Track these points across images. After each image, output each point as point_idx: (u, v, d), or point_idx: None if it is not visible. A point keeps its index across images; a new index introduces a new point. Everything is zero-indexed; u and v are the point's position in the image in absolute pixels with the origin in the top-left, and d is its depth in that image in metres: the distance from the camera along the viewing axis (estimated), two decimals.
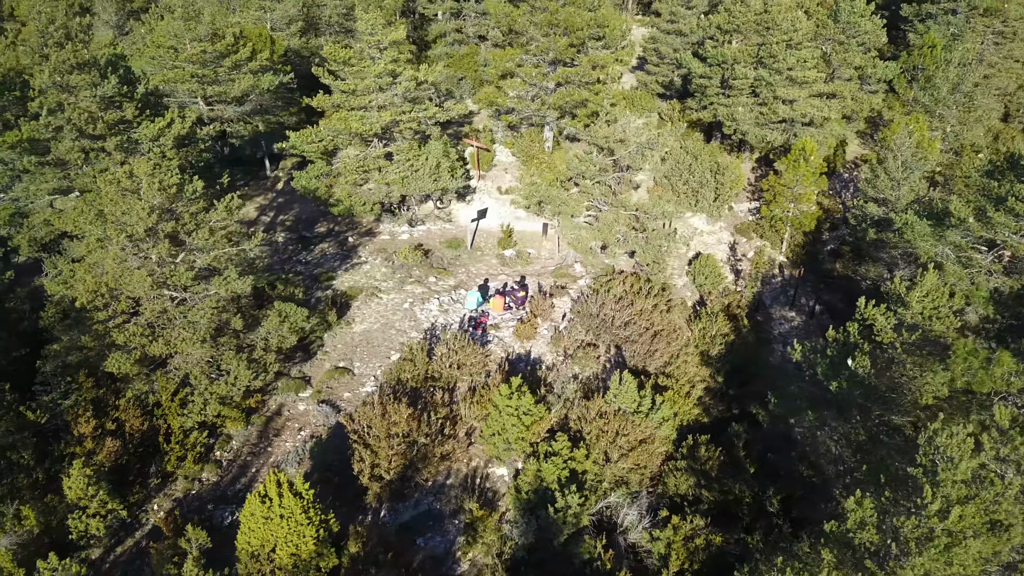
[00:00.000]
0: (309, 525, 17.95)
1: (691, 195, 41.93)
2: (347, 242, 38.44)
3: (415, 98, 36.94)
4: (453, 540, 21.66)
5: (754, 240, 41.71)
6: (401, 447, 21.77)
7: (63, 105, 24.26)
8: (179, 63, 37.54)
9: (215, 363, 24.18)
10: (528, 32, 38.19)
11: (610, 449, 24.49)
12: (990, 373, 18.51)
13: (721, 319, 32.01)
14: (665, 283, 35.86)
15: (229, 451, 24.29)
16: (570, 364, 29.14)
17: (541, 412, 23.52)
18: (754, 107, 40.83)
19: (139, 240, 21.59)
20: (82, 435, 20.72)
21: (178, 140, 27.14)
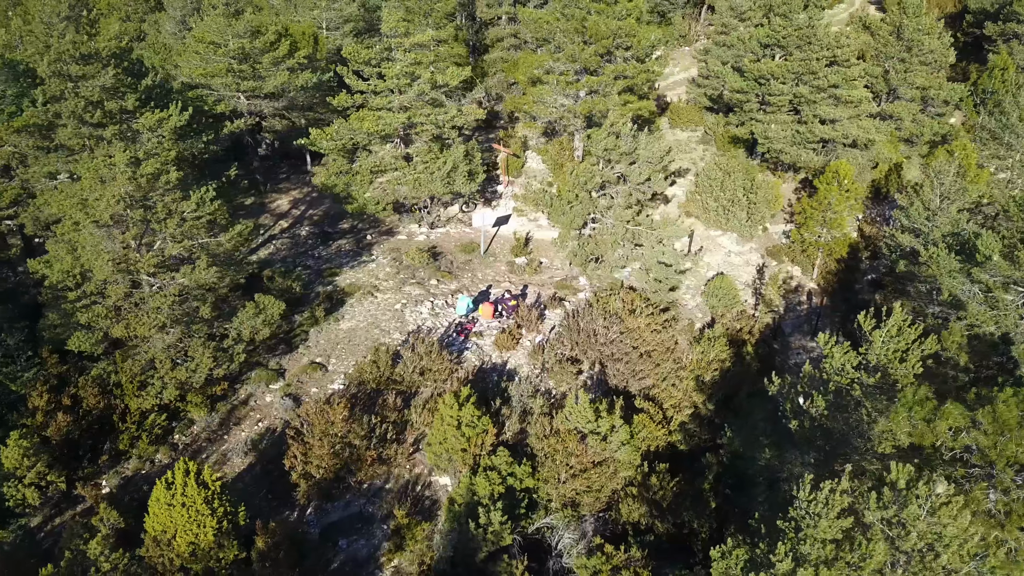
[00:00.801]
0: (211, 516, 18.22)
1: (721, 213, 40.43)
2: (364, 240, 38.98)
3: (434, 101, 37.06)
4: (378, 545, 21.56)
5: (785, 264, 39.84)
6: (335, 447, 21.84)
7: (65, 93, 25.62)
8: (218, 58, 39.03)
9: (183, 349, 24.93)
10: (555, 39, 37.73)
11: (560, 469, 23.85)
12: (933, 427, 16.93)
13: (720, 344, 30.67)
14: (672, 302, 34.67)
15: (188, 435, 25.00)
16: (546, 378, 28.57)
17: (485, 425, 23.11)
18: (789, 126, 38.97)
19: (104, 225, 22.48)
20: (35, 408, 21.80)
21: (176, 131, 28.14)
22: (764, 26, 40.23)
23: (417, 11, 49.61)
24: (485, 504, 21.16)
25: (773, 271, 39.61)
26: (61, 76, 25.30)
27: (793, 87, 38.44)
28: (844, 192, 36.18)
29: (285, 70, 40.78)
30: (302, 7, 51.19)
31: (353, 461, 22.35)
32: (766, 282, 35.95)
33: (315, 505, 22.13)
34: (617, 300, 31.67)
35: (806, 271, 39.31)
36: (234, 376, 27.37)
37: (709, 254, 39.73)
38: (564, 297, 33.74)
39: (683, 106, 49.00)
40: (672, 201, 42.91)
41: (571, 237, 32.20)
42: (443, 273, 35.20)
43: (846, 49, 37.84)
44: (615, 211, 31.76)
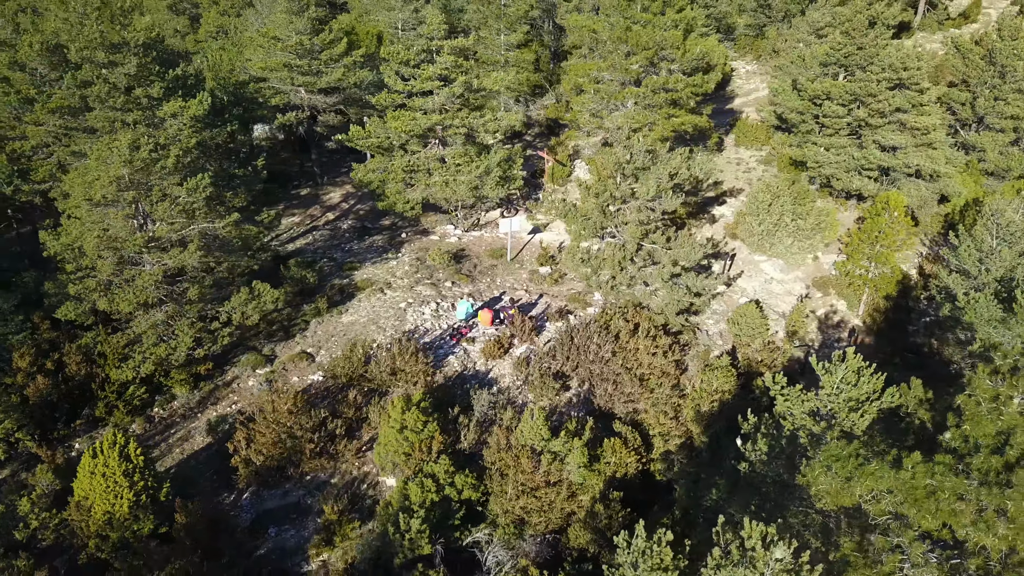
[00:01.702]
0: (128, 488, 18.99)
1: (766, 237, 38.41)
2: (398, 238, 39.59)
3: (470, 104, 37.14)
4: (308, 537, 21.80)
5: (830, 297, 37.40)
6: (279, 436, 22.27)
7: (94, 79, 27.40)
8: (277, 52, 40.72)
9: (171, 327, 26.11)
10: (598, 49, 36.98)
11: (509, 485, 23.34)
12: (848, 488, 15.37)
13: (723, 374, 29.18)
14: (691, 326, 33.25)
15: (167, 410, 26.17)
16: (526, 391, 28.04)
17: (432, 431, 22.92)
18: (845, 150, 36.50)
19: (97, 204, 23.86)
20: (17, 368, 23.44)
21: (201, 120, 29.47)
22: (822, 44, 37.84)
23: (490, 14, 50.03)
24: (408, 510, 21.00)
25: (816, 303, 37.26)
26: (90, 62, 27.01)
27: (851, 110, 35.98)
28: (893, 225, 33.58)
29: (342, 67, 42.00)
30: (382, 7, 52.54)
31: (294, 452, 22.70)
32: (791, 312, 33.78)
33: (252, 491, 22.66)
34: (620, 319, 30.67)
35: (852, 306, 36.74)
36: (224, 357, 28.42)
37: (747, 279, 37.82)
38: (573, 311, 33.00)
39: (750, 123, 46.90)
40: (719, 221, 41.20)
41: (579, 251, 31.40)
42: (461, 276, 35.20)
43: (915, 71, 35.03)
44: (628, 227, 30.73)
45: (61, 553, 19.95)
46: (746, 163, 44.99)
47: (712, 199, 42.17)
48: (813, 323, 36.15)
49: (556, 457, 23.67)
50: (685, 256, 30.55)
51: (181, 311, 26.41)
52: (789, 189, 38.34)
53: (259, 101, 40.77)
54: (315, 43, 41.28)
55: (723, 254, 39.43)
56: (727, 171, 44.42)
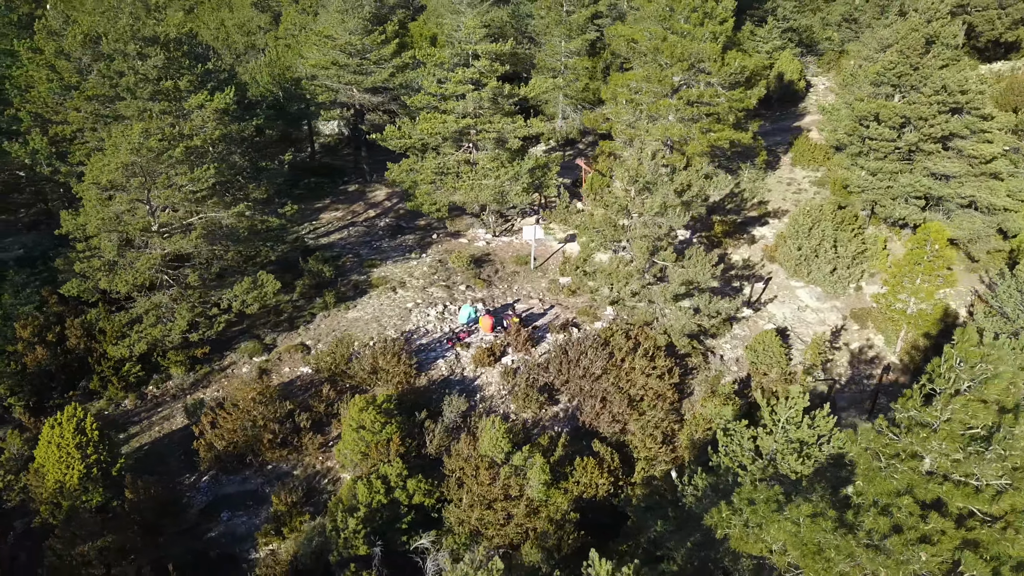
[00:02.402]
0: (80, 460, 19.89)
1: (803, 262, 36.59)
2: (429, 238, 39.94)
3: (501, 109, 37.03)
4: (260, 525, 22.22)
5: (867, 330, 35.28)
6: (241, 424, 22.83)
7: (125, 70, 28.92)
8: (329, 51, 41.87)
9: (172, 310, 27.22)
10: (635, 60, 36.19)
11: (463, 494, 23.10)
12: (757, 534, 14.37)
13: (717, 403, 28.01)
14: (703, 350, 32.06)
15: (160, 389, 27.27)
16: (510, 401, 27.68)
17: (390, 433, 22.94)
18: (891, 175, 34.32)
19: (104, 188, 25.15)
20: (19, 337, 24.98)
21: (224, 113, 30.55)
22: (877, 63, 35.67)
23: (551, 21, 49.84)
24: (351, 508, 21.10)
25: (851, 336, 35.22)
26: (122, 54, 28.52)
27: (901, 133, 33.79)
28: (935, 258, 31.33)
29: (390, 67, 42.77)
30: (449, 10, 53.18)
31: (255, 441, 23.21)
32: (811, 343, 31.97)
33: (212, 475, 23.29)
34: (621, 336, 29.87)
35: (890, 343, 34.53)
36: (226, 343, 29.39)
37: (778, 305, 36.12)
38: (580, 324, 32.37)
39: (808, 143, 44.79)
40: (759, 243, 39.54)
41: (583, 263, 30.75)
42: (478, 281, 35.12)
43: (975, 95, 32.56)
44: (634, 242, 29.88)
45: (25, 515, 21.13)
46: (798, 184, 42.99)
47: (755, 219, 40.55)
48: (844, 356, 34.18)
49: (516, 471, 23.25)
50: (694, 275, 29.40)
51: (184, 295, 27.49)
52: (832, 214, 36.38)
53: (306, 97, 42.00)
54: (365, 43, 42.18)
55: (757, 276, 37.82)
56: (776, 191, 42.60)
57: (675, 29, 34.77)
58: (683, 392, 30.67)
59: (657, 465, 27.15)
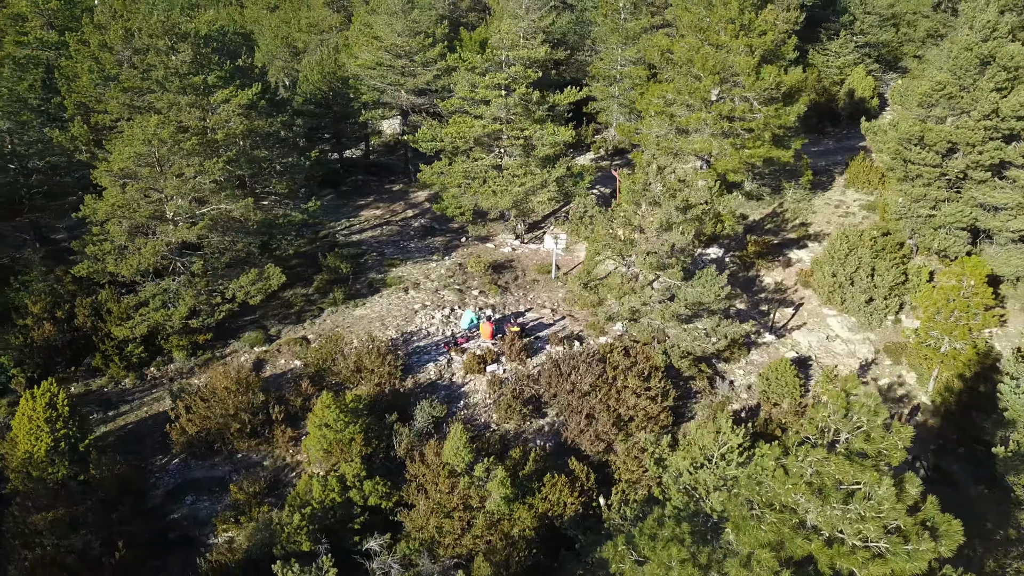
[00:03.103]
0: (48, 434, 20.87)
1: (837, 290, 34.75)
2: (456, 241, 40.07)
3: (530, 115, 36.72)
4: (219, 512, 22.75)
5: (900, 367, 33.22)
6: (212, 412, 23.46)
7: (156, 64, 30.26)
8: (376, 51, 42.62)
9: (177, 295, 28.25)
10: (669, 71, 35.24)
11: (420, 500, 23.00)
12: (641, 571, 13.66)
13: (706, 433, 26.86)
14: (710, 374, 30.90)
15: (161, 371, 28.32)
16: (492, 411, 27.38)
17: (353, 433, 23.05)
18: (934, 203, 32.12)
19: (117, 175, 26.37)
20: (30, 312, 26.47)
21: (245, 108, 31.51)
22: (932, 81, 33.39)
23: (607, 28, 49.20)
24: (303, 505, 21.34)
25: (882, 371, 33.20)
26: (153, 49, 29.86)
27: (946, 159, 31.58)
28: (972, 295, 29.22)
29: (435, 70, 43.15)
30: (508, 15, 53.20)
31: (225, 429, 23.78)
32: (817, 379, 30.22)
33: (183, 459, 24.00)
34: (619, 353, 29.08)
35: (922, 382, 32.39)
36: (233, 331, 30.28)
37: (806, 332, 34.42)
38: (585, 337, 31.72)
39: (864, 164, 42.48)
40: (794, 266, 37.77)
41: (582, 276, 30.07)
42: (494, 287, 34.95)
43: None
44: (637, 258, 29.04)
45: (1, 481, 22.34)
46: (847, 207, 40.85)
47: (793, 241, 38.78)
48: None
49: (477, 482, 22.96)
50: (697, 296, 28.32)
51: (191, 282, 28.50)
52: (872, 240, 34.35)
53: (349, 96, 42.87)
54: (411, 45, 42.69)
55: (787, 301, 36.15)
56: (821, 213, 40.61)
57: (711, 41, 33.61)
58: (683, 416, 29.64)
59: (639, 489, 26.29)
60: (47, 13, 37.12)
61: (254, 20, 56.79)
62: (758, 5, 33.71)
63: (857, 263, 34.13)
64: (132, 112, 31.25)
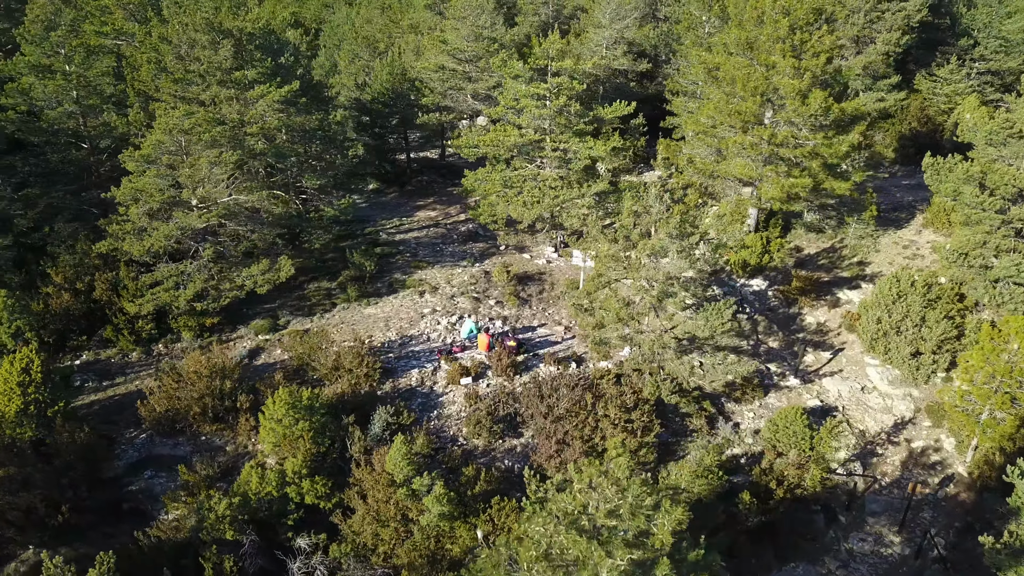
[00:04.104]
0: (20, 397, 22.46)
1: (881, 337, 31.83)
2: (494, 249, 39.85)
3: (578, 130, 35.89)
4: (172, 490, 23.68)
5: (940, 430, 30.11)
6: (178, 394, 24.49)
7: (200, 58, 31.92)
8: (440, 55, 43.14)
9: (188, 278, 29.69)
10: (711, 91, 33.46)
11: (359, 504, 23.00)
12: None
13: (686, 474, 25.34)
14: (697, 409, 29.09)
15: (168, 349, 29.81)
16: (463, 425, 26.96)
17: (301, 430, 23.34)
18: (992, 252, 28.78)
19: (139, 161, 28.02)
20: (52, 281, 28.60)
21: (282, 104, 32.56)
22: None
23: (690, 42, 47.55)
24: (233, 493, 21.85)
25: (917, 432, 30.16)
26: (198, 44, 31.53)
27: (1008, 204, 28.20)
28: (1018, 360, 25.98)
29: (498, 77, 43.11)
30: (591, 24, 52.46)
31: (189, 411, 24.73)
32: (819, 431, 27.63)
33: (149, 435, 25.13)
34: (609, 381, 27.90)
35: (961, 449, 29.18)
36: (243, 316, 31.48)
37: (839, 380, 31.80)
38: (586, 359, 30.67)
39: (947, 204, 38.55)
40: (842, 307, 34.93)
41: (575, 294, 28.97)
42: (513, 298, 34.46)
43: None
44: (633, 283, 27.69)
45: None
46: (917, 248, 37.29)
47: (846, 280, 35.87)
48: (900, 454, 29.41)
49: (415, 495, 22.68)
50: (694, 328, 26.70)
51: (205, 267, 29.88)
52: (925, 287, 31.18)
53: (410, 97, 43.57)
54: (476, 50, 42.86)
55: (827, 344, 33.47)
56: (886, 252, 37.29)
57: (761, 61, 31.61)
58: (674, 454, 28.11)
59: None
60: (130, 7, 40.03)
61: (318, 18, 59.10)
62: (815, 23, 31.26)
63: (905, 311, 31.08)
64: (179, 102, 33.07)
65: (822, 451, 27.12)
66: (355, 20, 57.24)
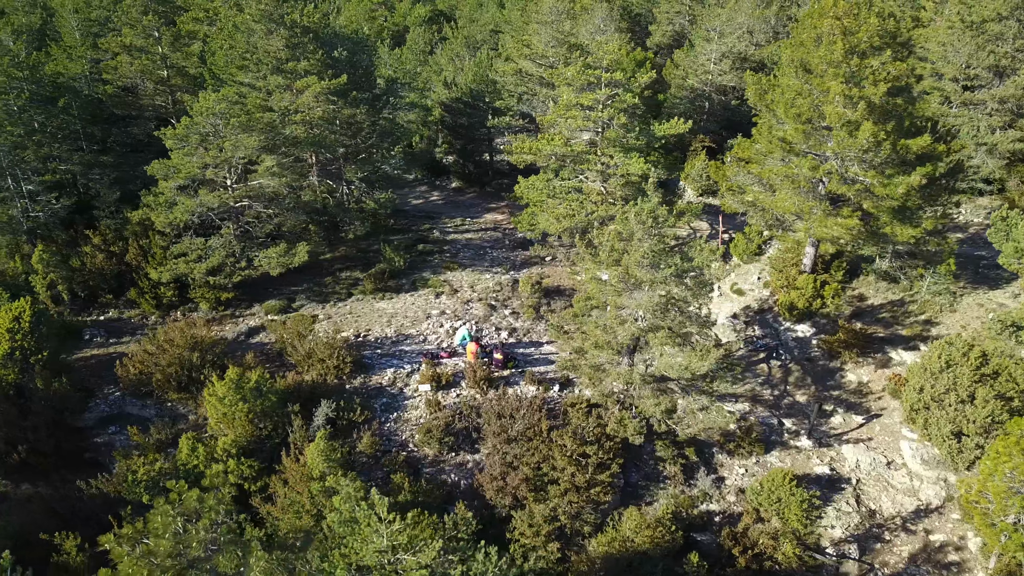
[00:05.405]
0: (8, 342, 24.77)
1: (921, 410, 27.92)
2: (537, 258, 39.05)
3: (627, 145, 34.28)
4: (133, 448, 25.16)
5: (969, 527, 26.05)
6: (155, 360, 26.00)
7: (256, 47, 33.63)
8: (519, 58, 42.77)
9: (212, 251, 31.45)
10: (762, 115, 30.67)
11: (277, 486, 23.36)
12: None
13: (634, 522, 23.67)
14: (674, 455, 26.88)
15: (185, 317, 31.67)
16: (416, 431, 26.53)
17: (242, 410, 23.94)
18: None
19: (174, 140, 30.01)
20: (91, 242, 31.28)
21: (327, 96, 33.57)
22: None
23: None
24: (140, 461, 22.91)
25: (943, 524, 26.24)
26: (254, 33, 33.28)
27: None
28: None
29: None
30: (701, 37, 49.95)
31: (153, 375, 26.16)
32: (794, 499, 24.45)
33: (122, 394, 26.79)
34: (579, 411, 26.46)
35: (986, 553, 25.10)
36: (263, 293, 32.88)
37: (862, 450, 28.36)
38: (576, 383, 29.21)
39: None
40: (890, 368, 30.96)
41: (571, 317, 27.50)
42: (531, 311, 33.57)
43: None
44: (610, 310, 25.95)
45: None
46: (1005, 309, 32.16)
47: (903, 338, 31.76)
48: (912, 544, 25.77)
49: (325, 492, 22.65)
50: (664, 367, 24.65)
51: (227, 244, 31.55)
52: (980, 358, 26.97)
53: (486, 100, 43.51)
54: (555, 56, 42.06)
55: (862, 408, 29.79)
56: (966, 314, 32.55)
57: (815, 85, 28.60)
58: (641, 498, 26.19)
59: (537, 559, 24.02)
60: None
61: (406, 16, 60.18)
62: (880, 49, 27.69)
63: (951, 382, 27.02)
64: (242, 88, 35.06)
65: (792, 524, 24.16)
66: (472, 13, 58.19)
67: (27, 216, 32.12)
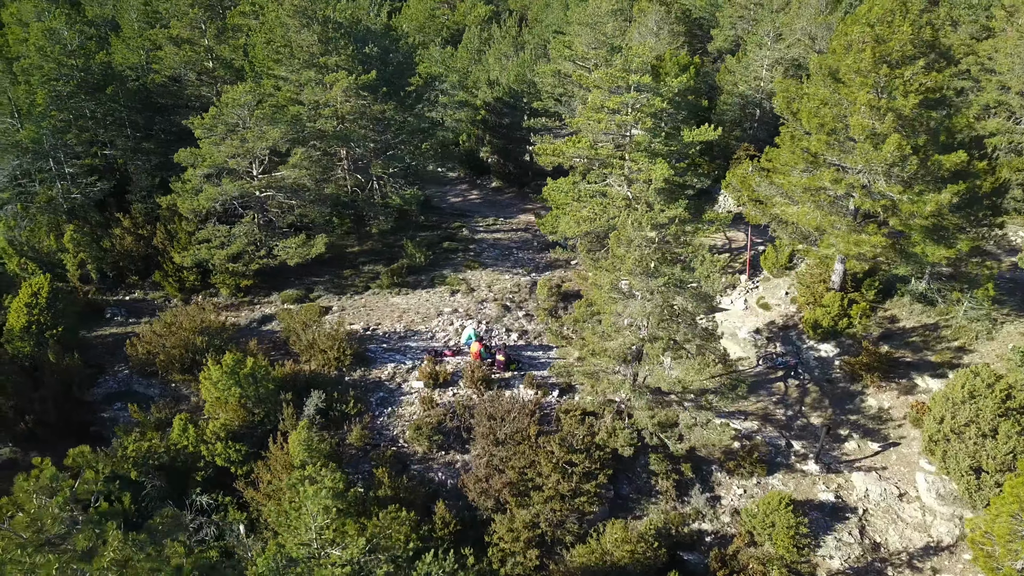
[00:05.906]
0: (26, 316, 25.91)
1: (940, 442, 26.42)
2: (562, 262, 38.66)
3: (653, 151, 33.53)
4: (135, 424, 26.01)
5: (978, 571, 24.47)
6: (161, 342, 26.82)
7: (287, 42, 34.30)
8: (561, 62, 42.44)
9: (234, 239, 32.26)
10: (789, 125, 29.50)
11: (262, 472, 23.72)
12: None
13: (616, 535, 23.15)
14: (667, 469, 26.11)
15: (205, 300, 32.52)
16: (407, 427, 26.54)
17: (233, 395, 24.43)
18: None
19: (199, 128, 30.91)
20: (121, 225, 32.49)
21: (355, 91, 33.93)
22: None
23: None
24: (128, 439, 23.59)
25: (955, 565, 24.76)
26: (284, 26, 33.99)
27: None
28: None
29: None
30: (753, 43, 48.45)
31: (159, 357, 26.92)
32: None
33: (129, 373, 27.66)
34: (573, 418, 25.99)
35: None
36: (285, 283, 33.53)
37: (873, 479, 27.07)
38: (578, 389, 28.73)
39: None
40: (914, 395, 29.38)
41: (572, 322, 27.01)
42: (544, 314, 33.23)
43: None
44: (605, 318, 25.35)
45: None
46: None
47: (931, 365, 30.08)
48: None
49: (304, 479, 22.87)
50: (656, 380, 23.98)
51: (249, 232, 32.33)
52: (1006, 390, 25.31)
53: (523, 100, 43.30)
54: (595, 58, 41.53)
55: (881, 435, 28.34)
56: (1004, 342, 30.60)
57: (842, 94, 27.39)
58: (631, 511, 25.58)
59: (515, 565, 23.79)
60: None
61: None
62: (914, 58, 26.20)
63: (972, 414, 25.44)
64: (278, 82, 35.86)
65: (779, 551, 23.12)
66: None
67: (66, 198, 33.60)
